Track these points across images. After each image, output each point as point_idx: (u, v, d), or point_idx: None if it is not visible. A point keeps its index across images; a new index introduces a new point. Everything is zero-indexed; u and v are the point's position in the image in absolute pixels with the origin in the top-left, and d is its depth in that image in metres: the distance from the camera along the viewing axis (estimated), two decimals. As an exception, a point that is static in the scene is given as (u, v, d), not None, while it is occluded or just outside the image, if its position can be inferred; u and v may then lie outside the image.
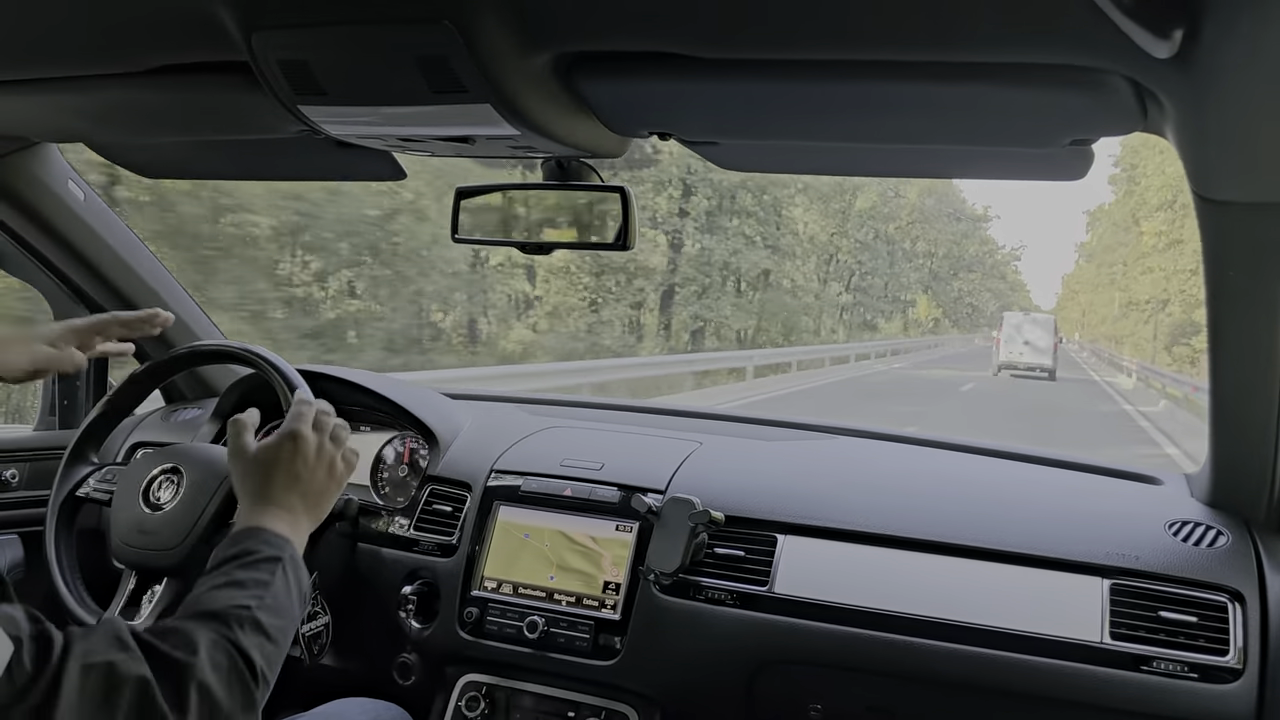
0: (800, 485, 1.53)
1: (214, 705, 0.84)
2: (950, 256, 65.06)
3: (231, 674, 0.86)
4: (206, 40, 0.96)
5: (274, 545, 1.01)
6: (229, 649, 0.87)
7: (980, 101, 0.94)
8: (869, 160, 1.34)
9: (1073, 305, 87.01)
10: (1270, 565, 1.27)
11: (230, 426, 1.14)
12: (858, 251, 40.47)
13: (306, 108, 1.02)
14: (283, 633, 0.95)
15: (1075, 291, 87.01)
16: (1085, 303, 78.48)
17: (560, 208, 1.33)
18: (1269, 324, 1.12)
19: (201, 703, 0.82)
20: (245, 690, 0.87)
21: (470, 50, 0.86)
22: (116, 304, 1.84)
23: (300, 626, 1.41)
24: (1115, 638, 1.25)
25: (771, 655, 1.40)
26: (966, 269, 69.33)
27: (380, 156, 1.32)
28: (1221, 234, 1.05)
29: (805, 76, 0.92)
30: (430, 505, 1.64)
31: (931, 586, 1.36)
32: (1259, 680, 1.20)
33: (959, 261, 67.47)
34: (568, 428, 1.80)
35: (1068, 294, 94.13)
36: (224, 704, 0.84)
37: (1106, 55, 0.79)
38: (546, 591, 1.51)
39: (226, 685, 0.85)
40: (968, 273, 69.57)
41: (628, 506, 1.50)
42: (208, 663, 0.84)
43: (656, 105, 1.06)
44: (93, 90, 1.16)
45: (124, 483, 1.44)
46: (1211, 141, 0.90)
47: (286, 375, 1.42)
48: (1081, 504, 1.47)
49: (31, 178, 1.61)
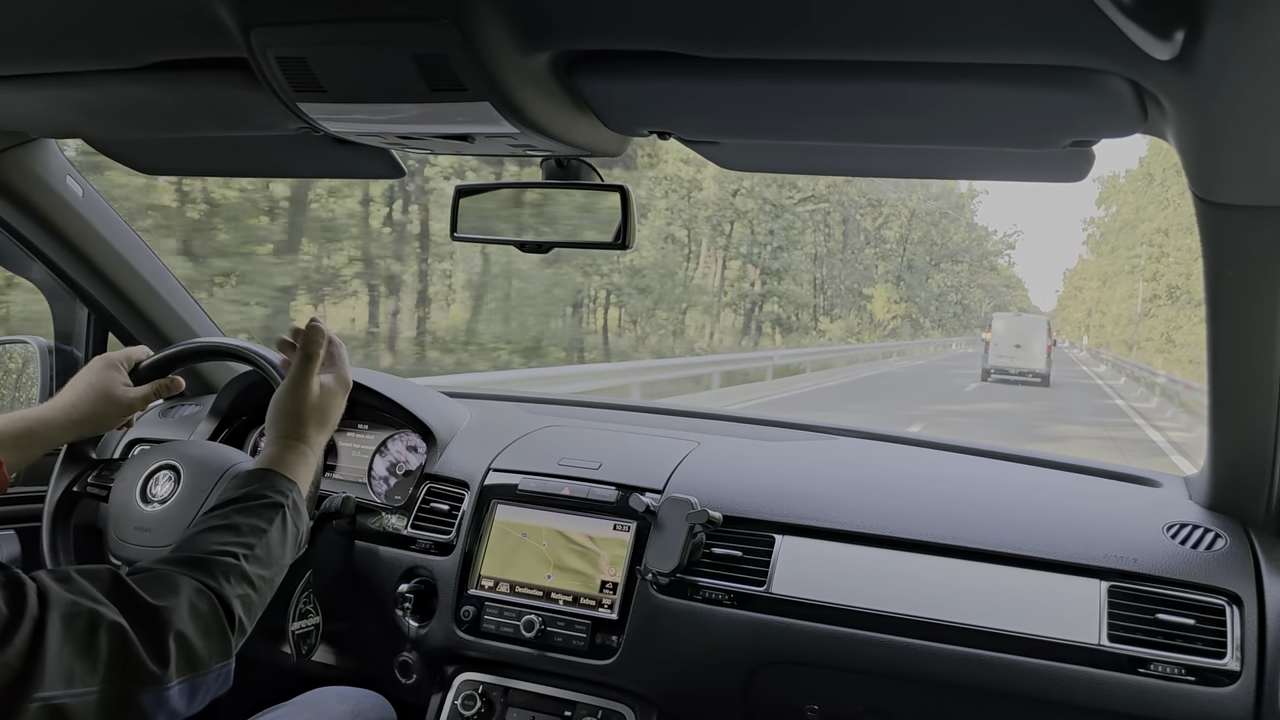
0: (798, 485, 1.53)
1: (191, 652, 0.87)
2: (927, 242, 55.70)
3: (210, 622, 0.89)
4: (206, 36, 0.96)
5: (279, 491, 1.05)
6: (210, 596, 0.90)
7: (980, 102, 0.93)
8: (869, 160, 1.34)
9: (1076, 304, 78.89)
10: (1268, 568, 1.27)
11: (302, 353, 1.26)
12: (775, 218, 29.45)
13: (305, 105, 1.02)
14: (268, 583, 0.99)
15: (1078, 288, 78.58)
16: (1093, 300, 69.18)
17: (560, 206, 1.34)
18: (1269, 326, 1.12)
19: (180, 650, 0.85)
20: (223, 637, 0.90)
21: (469, 48, 0.86)
22: (115, 300, 1.84)
23: (290, 625, 1.41)
24: (1113, 640, 1.25)
25: (768, 655, 1.40)
26: (950, 259, 59.86)
27: (379, 154, 1.32)
28: (1222, 236, 1.05)
29: (805, 76, 0.92)
30: (428, 503, 1.64)
31: (929, 588, 1.36)
32: (1256, 683, 1.20)
33: (939, 249, 57.52)
34: (566, 427, 1.80)
35: (1070, 291, 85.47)
36: (201, 651, 0.88)
37: (1107, 57, 0.79)
38: (544, 591, 1.51)
39: (204, 634, 0.88)
40: (951, 264, 60.39)
41: (625, 506, 1.50)
42: (187, 610, 0.87)
43: (656, 104, 1.06)
44: (92, 86, 1.15)
45: (121, 479, 1.44)
46: (1212, 144, 0.90)
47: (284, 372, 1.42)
48: (1080, 506, 1.47)
49: (29, 173, 1.60)
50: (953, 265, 61.07)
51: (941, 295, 59.07)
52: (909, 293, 52.72)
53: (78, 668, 0.78)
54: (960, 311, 64.48)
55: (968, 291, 65.65)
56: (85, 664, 0.79)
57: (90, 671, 0.79)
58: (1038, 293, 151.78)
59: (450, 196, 1.38)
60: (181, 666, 0.85)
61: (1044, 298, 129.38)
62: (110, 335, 1.93)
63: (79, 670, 0.78)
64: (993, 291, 72.19)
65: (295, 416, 1.21)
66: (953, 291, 62.24)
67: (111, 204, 1.77)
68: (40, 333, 1.90)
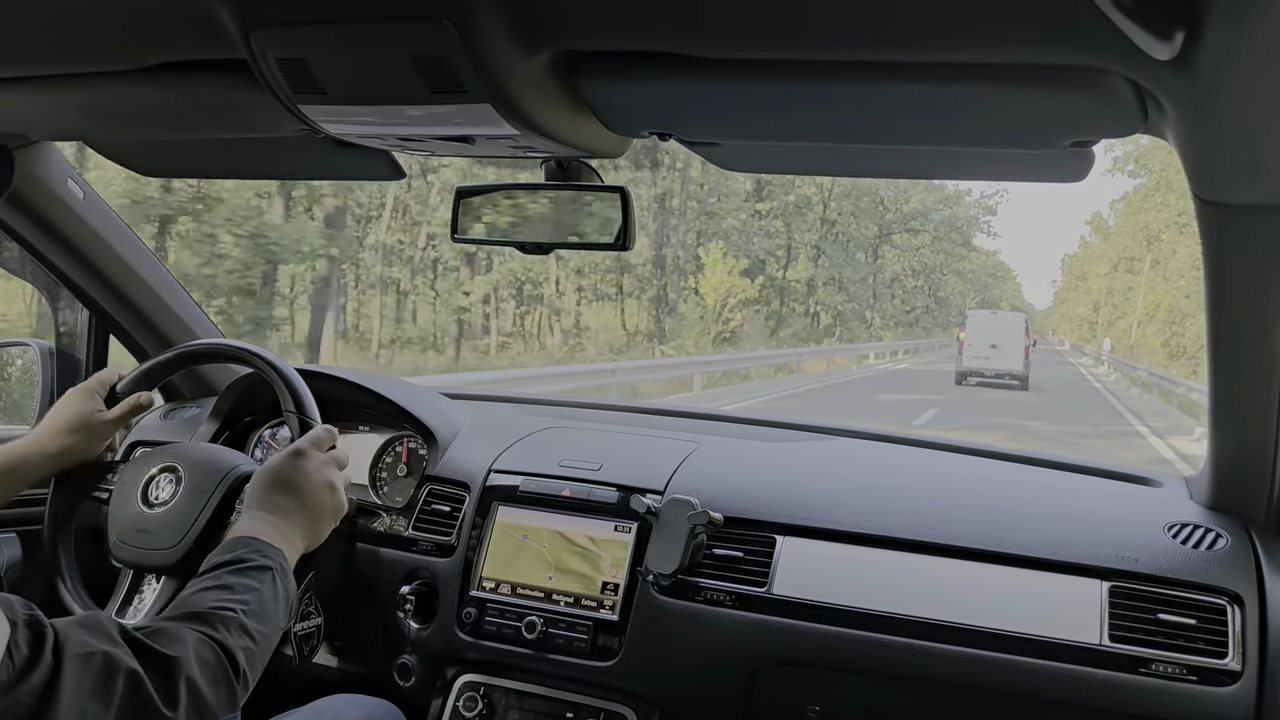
0: (799, 486, 1.53)
1: (200, 700, 0.87)
2: (853, 197, 36.71)
3: (217, 671, 0.90)
4: (206, 38, 0.96)
5: (266, 555, 1.05)
6: (215, 648, 0.91)
7: (980, 103, 0.94)
8: (869, 161, 1.34)
9: (1079, 297, 61.60)
10: (1269, 568, 1.27)
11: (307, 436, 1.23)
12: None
13: (306, 107, 1.02)
14: (266, 638, 0.99)
15: (1081, 277, 60.24)
16: (1100, 290, 52.39)
17: (560, 207, 1.34)
18: (1269, 325, 1.12)
19: (189, 697, 0.86)
20: (229, 687, 0.91)
21: (469, 50, 0.86)
22: (116, 303, 1.84)
23: (293, 625, 1.42)
24: (1114, 640, 1.25)
25: (770, 656, 1.40)
26: (903, 225, 41.01)
27: (380, 156, 1.32)
28: (1222, 236, 1.05)
29: (805, 76, 0.92)
30: (429, 505, 1.64)
31: (930, 588, 1.36)
32: (1257, 683, 1.20)
33: (889, 213, 38.58)
34: (566, 428, 1.80)
35: (1071, 281, 66.51)
36: (209, 699, 0.88)
37: (1107, 57, 0.79)
38: (545, 592, 1.51)
39: (212, 681, 0.89)
40: (907, 233, 41.58)
41: (626, 507, 1.50)
42: (194, 659, 0.88)
43: (656, 105, 1.06)
44: (92, 88, 1.16)
45: (122, 481, 1.44)
46: (1212, 144, 0.90)
47: (286, 376, 1.42)
48: (1081, 506, 1.47)
49: (31, 176, 1.61)
50: (908, 235, 42.73)
51: (894, 281, 43.30)
52: (835, 272, 36.16)
53: (91, 709, 0.79)
54: (934, 306, 48.58)
55: (939, 278, 48.82)
56: (99, 706, 0.80)
57: (103, 713, 0.80)
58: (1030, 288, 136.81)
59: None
60: (190, 713, 0.86)
61: (1035, 292, 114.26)
62: (111, 337, 1.93)
63: (92, 712, 0.79)
64: (975, 282, 52.99)
65: (272, 489, 1.15)
66: (911, 276, 44.89)
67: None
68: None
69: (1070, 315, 67.39)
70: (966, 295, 52.25)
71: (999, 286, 63.28)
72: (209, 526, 1.35)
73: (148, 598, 1.38)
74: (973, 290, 53.15)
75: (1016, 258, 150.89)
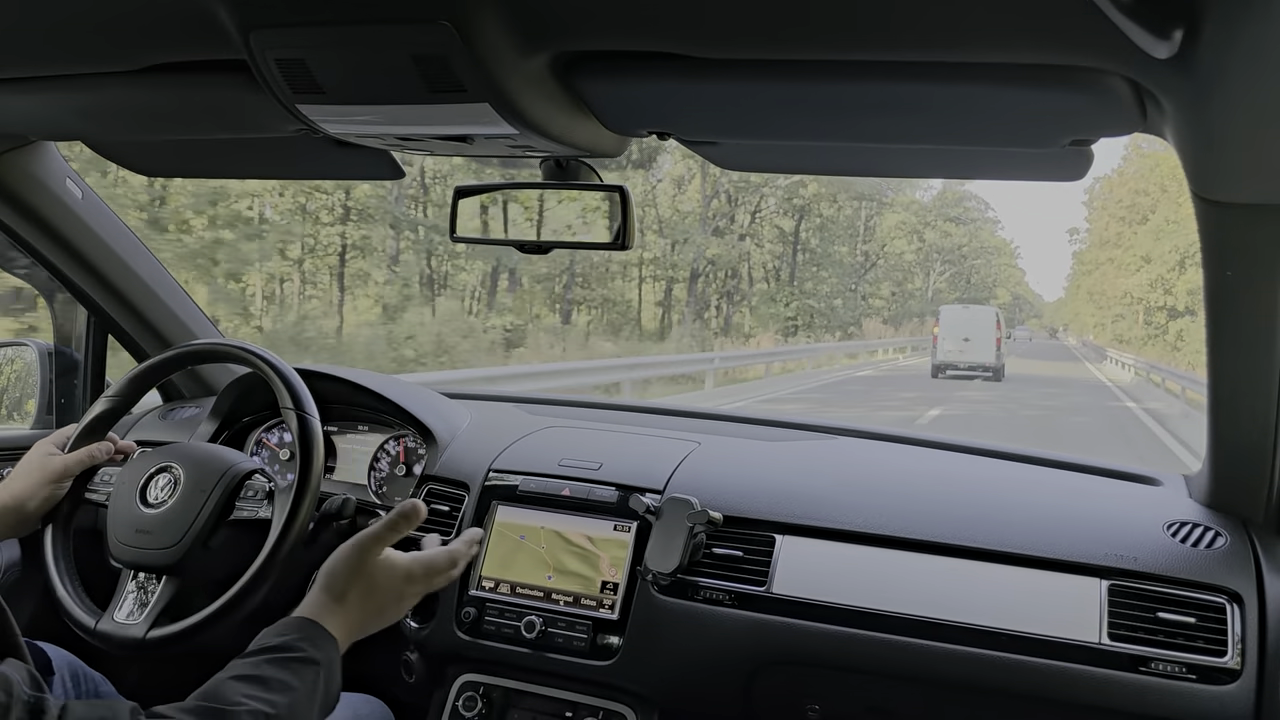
0: (799, 485, 1.53)
1: None
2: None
3: None
4: (205, 38, 0.96)
5: (319, 647, 0.99)
6: None
7: (979, 102, 0.94)
8: (869, 160, 1.34)
9: (1088, 287, 54.45)
10: (1269, 566, 1.27)
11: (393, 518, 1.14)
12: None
13: (305, 106, 1.02)
14: None
15: (1093, 266, 52.72)
16: (1094, 284, 46.17)
17: (559, 207, 1.34)
18: (1269, 324, 1.12)
19: None
20: None
21: (468, 50, 0.86)
22: (114, 303, 1.84)
23: None
24: (1113, 639, 1.25)
25: (770, 656, 1.40)
26: (878, 198, 33.98)
27: (379, 155, 1.32)
28: (1221, 234, 1.05)
29: (805, 76, 0.92)
30: (428, 504, 1.64)
31: (930, 587, 1.36)
32: (1257, 681, 1.20)
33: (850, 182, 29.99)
34: (566, 427, 1.80)
35: (1082, 270, 58.22)
36: None
37: (1106, 56, 0.79)
38: (544, 591, 1.51)
39: None
40: (882, 206, 34.57)
41: (626, 506, 1.50)
42: None
43: (655, 105, 1.06)
44: (91, 88, 1.15)
45: (121, 482, 1.44)
46: (1211, 143, 0.90)
47: (284, 374, 1.42)
48: (1080, 505, 1.47)
49: (29, 176, 1.61)
50: (885, 208, 34.85)
51: (867, 268, 36.14)
52: (780, 276, 29.97)
53: None
54: (906, 300, 40.49)
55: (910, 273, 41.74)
56: None
57: None
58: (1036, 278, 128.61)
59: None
60: None
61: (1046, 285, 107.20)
62: (110, 337, 1.93)
63: None
64: (972, 266, 45.83)
65: (340, 575, 1.10)
66: (878, 260, 37.01)
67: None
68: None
69: (1079, 312, 60.40)
70: (946, 284, 47.45)
71: (996, 266, 56.78)
72: (208, 526, 1.35)
73: (148, 598, 1.38)
74: (952, 275, 48.19)
75: (1024, 245, 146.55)
